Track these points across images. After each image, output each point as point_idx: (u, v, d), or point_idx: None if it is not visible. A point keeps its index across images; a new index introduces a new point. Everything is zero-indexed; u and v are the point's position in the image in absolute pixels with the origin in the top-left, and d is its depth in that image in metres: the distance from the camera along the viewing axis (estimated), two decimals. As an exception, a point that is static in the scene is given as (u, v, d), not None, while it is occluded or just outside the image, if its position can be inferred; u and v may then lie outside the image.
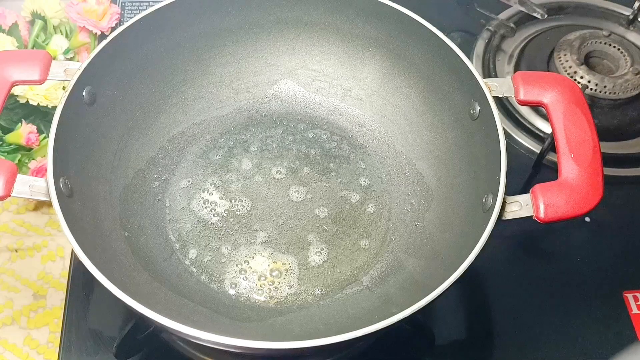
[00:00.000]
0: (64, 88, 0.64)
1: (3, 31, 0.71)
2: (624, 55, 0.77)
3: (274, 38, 0.67)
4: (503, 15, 0.82)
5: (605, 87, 0.73)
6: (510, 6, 0.82)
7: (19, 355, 0.58)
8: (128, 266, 0.53)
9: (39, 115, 0.69)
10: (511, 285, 0.63)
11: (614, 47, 0.77)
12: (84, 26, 0.73)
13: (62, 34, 0.75)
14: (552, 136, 0.55)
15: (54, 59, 0.53)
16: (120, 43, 0.56)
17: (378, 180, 0.65)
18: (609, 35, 0.78)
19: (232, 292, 0.57)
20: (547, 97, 0.54)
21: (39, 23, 0.73)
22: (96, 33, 0.74)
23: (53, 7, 0.74)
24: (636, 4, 0.83)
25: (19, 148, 0.67)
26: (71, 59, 0.72)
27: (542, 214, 0.50)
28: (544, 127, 0.72)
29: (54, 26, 0.75)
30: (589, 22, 0.84)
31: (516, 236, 0.67)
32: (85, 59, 0.53)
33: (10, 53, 0.55)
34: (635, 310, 0.62)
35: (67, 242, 0.46)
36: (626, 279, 0.64)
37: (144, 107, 0.62)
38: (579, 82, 0.73)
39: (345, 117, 0.69)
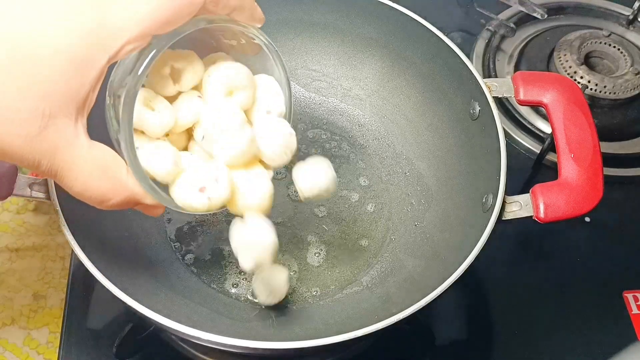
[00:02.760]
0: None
1: None
2: (624, 55, 0.76)
3: (274, 38, 0.67)
4: (503, 15, 0.82)
5: (605, 87, 0.73)
6: (510, 6, 0.82)
7: (19, 355, 0.58)
8: (128, 266, 0.53)
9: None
10: (511, 285, 0.63)
11: (614, 47, 0.77)
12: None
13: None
14: (552, 136, 0.55)
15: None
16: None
17: (378, 180, 0.65)
18: (609, 35, 0.78)
19: (232, 292, 0.57)
20: (547, 97, 0.54)
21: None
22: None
23: None
24: (636, 4, 0.83)
25: (19, 148, 0.66)
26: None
27: (542, 214, 0.50)
28: (544, 127, 0.72)
29: None
30: (589, 22, 0.84)
31: (516, 236, 0.67)
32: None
33: None
34: (635, 310, 0.62)
35: (67, 242, 0.46)
36: (626, 279, 0.64)
37: (144, 107, 0.62)
38: (578, 82, 0.73)
39: (345, 117, 0.69)
